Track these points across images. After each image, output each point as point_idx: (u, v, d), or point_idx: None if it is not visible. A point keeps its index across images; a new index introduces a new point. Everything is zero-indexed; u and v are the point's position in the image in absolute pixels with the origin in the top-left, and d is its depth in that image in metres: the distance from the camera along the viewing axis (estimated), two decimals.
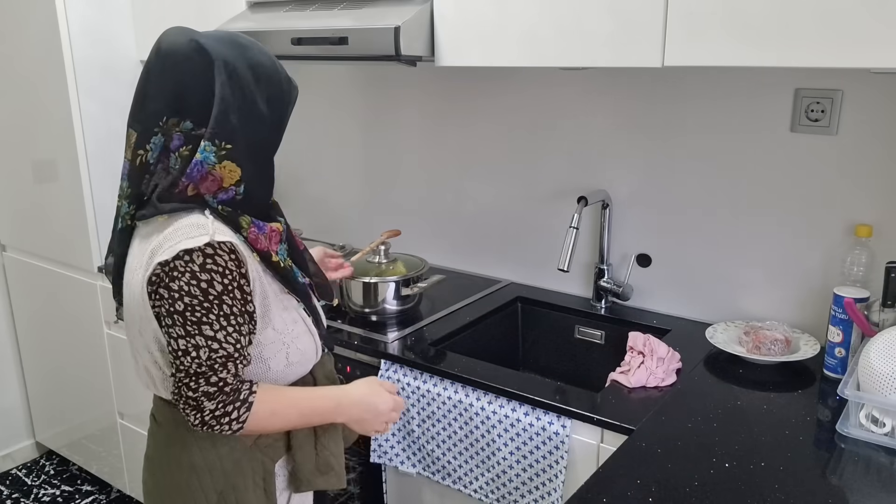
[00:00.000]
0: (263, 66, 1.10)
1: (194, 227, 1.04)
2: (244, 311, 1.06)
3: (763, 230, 1.65)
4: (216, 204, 1.07)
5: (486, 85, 1.99)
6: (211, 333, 1.03)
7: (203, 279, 1.02)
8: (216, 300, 1.03)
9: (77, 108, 2.11)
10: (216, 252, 1.03)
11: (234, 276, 1.04)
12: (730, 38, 1.26)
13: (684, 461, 1.16)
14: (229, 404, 1.06)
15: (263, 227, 1.12)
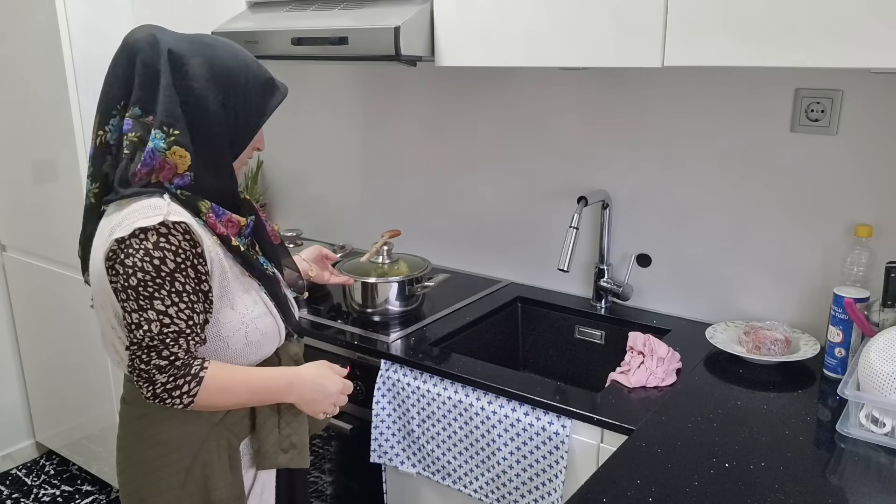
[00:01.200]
0: (224, 64, 1.15)
1: (151, 207, 1.10)
2: (198, 290, 1.11)
3: (763, 230, 1.65)
4: (174, 189, 1.13)
5: (486, 85, 1.99)
6: (162, 308, 1.08)
7: (156, 256, 1.07)
8: (168, 277, 1.08)
9: (77, 108, 2.11)
10: (170, 231, 1.08)
11: (188, 255, 1.09)
12: (730, 38, 1.26)
13: (684, 461, 1.16)
14: (180, 378, 1.10)
15: (222, 215, 1.17)
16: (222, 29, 1.85)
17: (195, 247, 1.11)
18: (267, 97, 1.19)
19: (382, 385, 1.59)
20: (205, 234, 1.14)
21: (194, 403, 1.13)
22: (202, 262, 1.12)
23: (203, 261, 1.12)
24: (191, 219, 1.12)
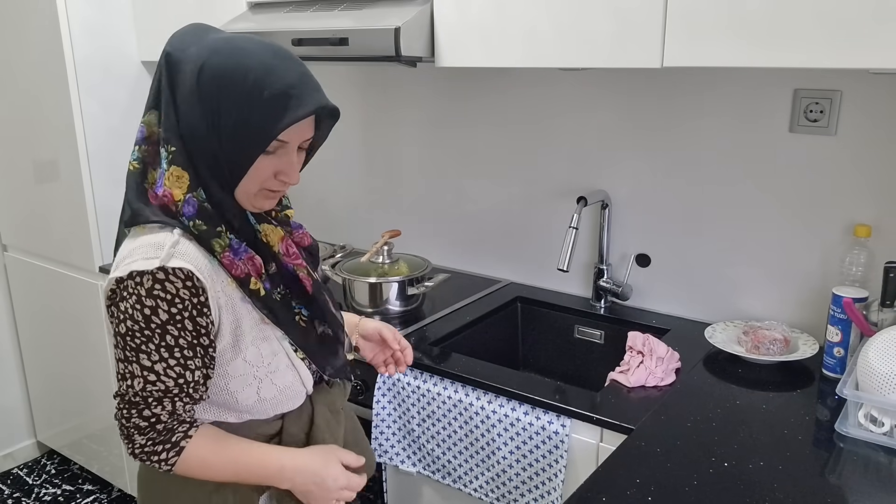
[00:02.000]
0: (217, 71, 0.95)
1: (154, 247, 0.97)
2: (194, 344, 0.98)
3: (762, 230, 1.65)
4: (187, 221, 0.99)
5: (486, 85, 1.99)
6: (148, 364, 0.97)
7: (147, 305, 0.95)
8: (158, 329, 0.96)
9: (78, 108, 2.12)
10: (167, 278, 0.95)
11: (186, 306, 0.96)
12: (729, 39, 1.26)
13: (684, 461, 1.16)
14: (158, 443, 1.00)
15: (242, 252, 1.03)
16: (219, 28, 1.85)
17: (197, 295, 0.97)
18: (274, 115, 0.95)
19: (383, 384, 1.59)
20: (217, 276, 1.01)
21: (173, 471, 1.02)
22: (204, 312, 0.98)
23: (205, 311, 0.98)
24: (200, 261, 0.98)
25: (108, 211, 2.23)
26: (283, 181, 1.02)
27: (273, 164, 1.00)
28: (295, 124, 0.97)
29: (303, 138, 1.02)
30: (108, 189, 2.22)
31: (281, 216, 1.13)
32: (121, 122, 2.22)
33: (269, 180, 1.01)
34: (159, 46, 2.17)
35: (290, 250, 1.10)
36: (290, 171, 1.02)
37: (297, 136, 1.00)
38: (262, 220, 1.07)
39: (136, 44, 2.22)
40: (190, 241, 0.99)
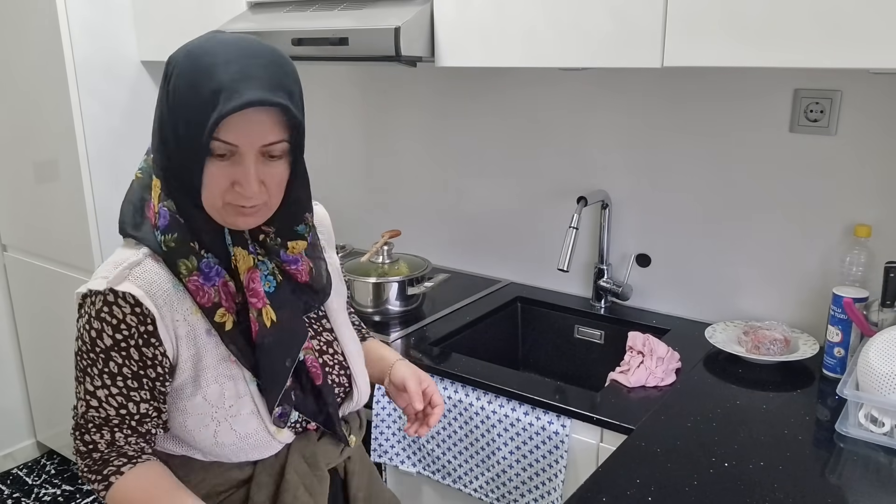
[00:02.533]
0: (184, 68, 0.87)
1: (113, 264, 0.92)
2: (140, 375, 0.91)
3: (762, 230, 1.65)
4: (160, 236, 0.91)
5: (486, 85, 1.99)
6: (91, 388, 0.92)
7: (94, 327, 0.90)
8: (102, 354, 0.90)
9: (78, 108, 2.12)
10: (116, 301, 0.88)
11: (132, 333, 0.89)
12: (729, 39, 1.26)
13: (684, 461, 1.16)
14: (93, 472, 0.95)
15: (213, 278, 0.93)
16: (223, 29, 1.85)
17: (144, 324, 0.89)
18: (205, 112, 0.84)
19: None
20: (181, 303, 0.92)
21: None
22: (151, 342, 0.90)
23: (153, 341, 0.90)
24: (158, 285, 0.91)
25: (107, 211, 2.23)
26: (239, 192, 0.88)
27: (227, 173, 0.88)
28: (235, 123, 0.85)
29: (258, 142, 0.87)
30: (108, 189, 2.22)
31: (270, 243, 0.98)
32: (121, 123, 2.22)
33: (229, 191, 0.89)
34: (159, 46, 2.18)
35: (252, 285, 0.95)
36: (244, 180, 0.87)
37: (245, 139, 0.86)
38: (238, 242, 0.95)
39: (135, 44, 2.22)
40: (157, 261, 0.92)
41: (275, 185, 0.91)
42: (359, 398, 1.11)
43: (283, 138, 0.89)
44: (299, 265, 1.01)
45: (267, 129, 0.87)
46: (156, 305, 0.90)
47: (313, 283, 1.03)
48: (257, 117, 0.86)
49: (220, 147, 0.86)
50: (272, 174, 0.90)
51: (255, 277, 0.96)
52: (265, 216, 0.94)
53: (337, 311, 1.12)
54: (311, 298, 1.05)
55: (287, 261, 0.99)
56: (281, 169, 0.91)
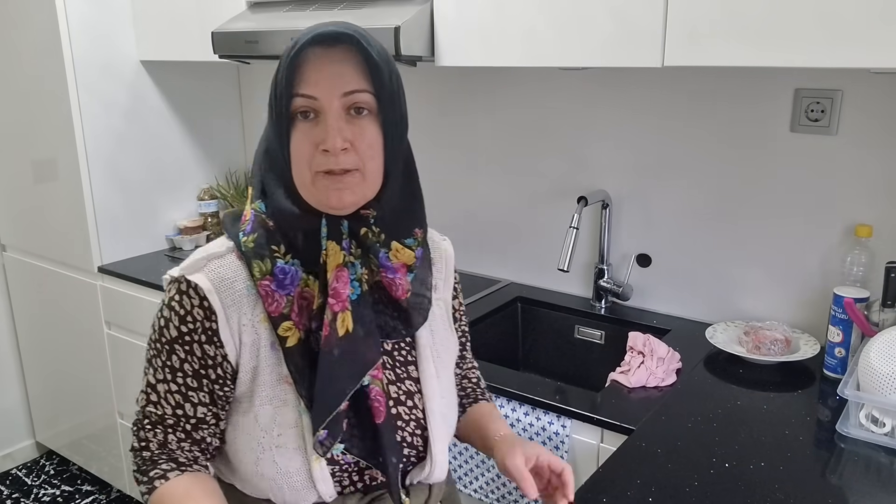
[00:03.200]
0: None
1: (198, 252, 0.90)
2: (200, 375, 0.87)
3: (763, 230, 1.65)
4: (243, 237, 0.88)
5: (486, 85, 1.99)
6: (153, 381, 0.88)
7: (164, 315, 0.87)
8: (167, 345, 0.87)
9: (77, 108, 2.12)
10: (187, 291, 0.85)
11: (196, 328, 0.85)
12: (729, 39, 1.26)
13: (684, 461, 1.16)
14: (140, 472, 0.90)
15: (288, 285, 0.86)
16: (222, 29, 1.85)
17: (209, 319, 0.85)
18: (290, 69, 0.82)
19: None
20: (253, 308, 0.86)
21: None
22: (214, 341, 0.85)
23: (216, 340, 0.85)
24: (231, 284, 0.86)
25: (106, 210, 2.23)
26: (324, 151, 0.81)
27: (311, 135, 0.82)
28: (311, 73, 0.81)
29: (336, 89, 0.81)
30: (107, 189, 2.22)
31: (372, 240, 0.88)
32: (120, 122, 2.22)
33: (315, 157, 0.82)
34: (158, 46, 2.18)
35: (335, 284, 0.85)
36: (328, 136, 0.81)
37: (323, 87, 0.81)
38: (333, 236, 0.86)
39: (134, 43, 2.22)
40: (240, 259, 0.87)
41: (364, 145, 0.83)
42: (432, 469, 0.95)
43: (364, 87, 0.82)
44: (398, 277, 0.90)
45: (345, 74, 0.82)
46: (222, 304, 0.85)
47: (407, 306, 0.91)
48: (333, 63, 0.82)
49: (301, 103, 0.82)
50: (359, 133, 0.83)
51: (342, 276, 0.86)
52: (362, 192, 0.84)
53: (430, 360, 0.97)
54: (400, 323, 0.93)
55: (385, 266, 0.89)
56: (370, 129, 0.83)
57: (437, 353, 0.99)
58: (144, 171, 2.31)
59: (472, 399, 1.15)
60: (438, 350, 0.99)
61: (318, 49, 0.82)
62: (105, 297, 2.25)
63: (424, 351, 0.97)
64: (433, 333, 0.99)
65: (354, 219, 0.87)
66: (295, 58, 0.82)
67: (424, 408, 0.96)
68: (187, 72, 2.35)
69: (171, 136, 2.37)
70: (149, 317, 2.15)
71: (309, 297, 0.87)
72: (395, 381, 0.95)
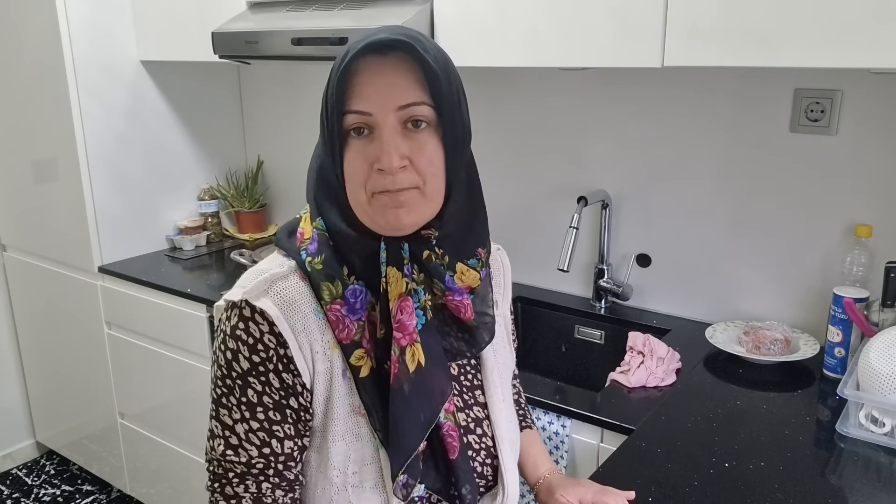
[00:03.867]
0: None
1: (255, 274, 0.81)
2: (283, 405, 0.78)
3: (763, 230, 1.65)
4: (306, 257, 0.80)
5: (486, 85, 1.99)
6: (229, 422, 0.78)
7: (230, 347, 0.78)
8: (240, 379, 0.77)
9: (77, 108, 2.12)
10: (252, 317, 0.77)
11: (271, 356, 0.77)
12: (729, 39, 1.26)
13: (684, 461, 1.16)
14: None
15: (359, 311, 0.79)
16: (222, 29, 1.86)
17: (284, 346, 0.77)
18: (340, 83, 0.76)
19: None
20: (323, 333, 0.79)
21: None
22: (290, 369, 0.78)
23: (292, 367, 0.78)
24: (299, 307, 0.78)
25: (107, 211, 2.23)
26: (380, 170, 0.75)
27: (366, 153, 0.76)
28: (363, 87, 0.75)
29: (391, 102, 0.75)
30: (108, 189, 2.22)
31: (436, 262, 0.82)
32: (120, 122, 2.22)
33: (371, 177, 0.76)
34: (158, 46, 2.18)
35: (400, 316, 0.79)
36: (383, 154, 0.74)
37: (377, 101, 0.75)
38: (394, 262, 0.80)
39: (135, 44, 2.22)
40: (304, 280, 0.80)
41: (424, 161, 0.77)
42: (504, 499, 0.90)
43: (422, 100, 0.76)
44: (464, 299, 0.84)
45: (400, 85, 0.75)
46: (293, 330, 0.78)
47: (475, 326, 0.86)
48: (386, 74, 0.75)
49: (354, 119, 0.76)
50: (418, 148, 0.76)
51: (407, 307, 0.79)
52: (422, 211, 0.78)
53: (497, 384, 0.93)
54: (464, 344, 0.87)
55: (452, 289, 0.83)
56: (430, 143, 0.77)
57: (502, 375, 0.94)
58: (144, 171, 2.31)
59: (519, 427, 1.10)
60: (502, 371, 0.95)
61: (369, 59, 0.75)
62: (105, 297, 2.25)
63: (491, 375, 0.92)
64: (496, 354, 0.94)
65: (415, 240, 0.80)
66: (345, 70, 0.75)
67: (494, 435, 0.91)
68: (187, 72, 2.35)
69: (171, 136, 2.37)
70: (149, 317, 2.16)
71: (374, 322, 0.81)
72: (463, 408, 0.90)
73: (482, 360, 0.93)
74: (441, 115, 0.77)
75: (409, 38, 0.75)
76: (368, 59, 0.75)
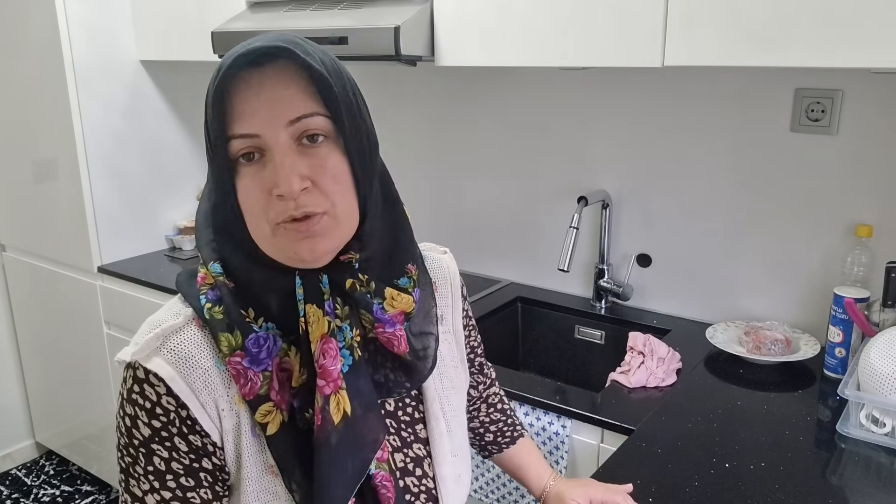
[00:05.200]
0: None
1: (150, 325, 0.73)
2: (195, 469, 0.71)
3: (763, 230, 1.65)
4: (205, 302, 0.71)
5: (486, 85, 1.99)
6: (139, 493, 0.71)
7: (128, 413, 0.70)
8: (143, 447, 0.70)
9: (77, 108, 2.12)
10: (147, 379, 0.69)
11: (172, 420, 0.69)
12: (730, 38, 1.26)
13: (684, 461, 1.16)
14: None
15: (264, 360, 0.70)
16: (222, 29, 1.85)
17: (185, 407, 0.69)
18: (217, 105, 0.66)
19: None
20: (223, 384, 0.71)
21: None
22: (197, 430, 0.70)
23: (198, 429, 0.70)
24: (198, 362, 0.70)
25: (106, 210, 2.23)
26: (279, 197, 0.66)
27: (260, 179, 0.67)
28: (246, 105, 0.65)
29: (280, 118, 0.66)
30: (107, 189, 2.22)
31: (361, 291, 0.73)
32: (120, 122, 2.22)
33: (273, 204, 0.67)
34: (158, 46, 2.18)
35: (323, 361, 0.70)
36: (279, 178, 0.65)
37: (263, 120, 0.65)
38: (313, 298, 0.71)
39: (134, 43, 2.22)
40: (203, 329, 0.72)
41: (328, 180, 0.67)
42: None
43: (314, 110, 0.67)
44: (397, 329, 0.75)
45: (286, 97, 0.66)
46: (192, 390, 0.70)
47: (410, 358, 0.77)
48: (268, 87, 0.66)
49: (241, 144, 0.66)
50: (319, 165, 0.67)
51: (330, 350, 0.71)
52: (337, 237, 0.69)
53: (439, 415, 0.84)
54: (402, 374, 0.78)
55: (382, 320, 0.74)
56: (332, 157, 0.68)
57: (447, 401, 0.86)
58: (144, 170, 2.31)
59: (509, 439, 1.06)
60: (449, 396, 0.86)
61: (246, 73, 0.65)
62: (105, 297, 2.25)
63: (433, 406, 0.84)
64: (442, 377, 0.86)
65: (335, 269, 0.71)
66: (220, 90, 0.65)
67: (435, 475, 0.83)
68: (187, 72, 2.35)
69: (170, 135, 2.37)
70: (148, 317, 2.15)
71: (289, 368, 0.72)
72: (401, 448, 0.81)
73: (423, 390, 0.83)
74: (339, 123, 0.68)
75: (288, 42, 0.66)
76: (245, 74, 0.65)
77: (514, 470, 1.08)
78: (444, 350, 0.86)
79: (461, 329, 0.92)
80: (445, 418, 0.85)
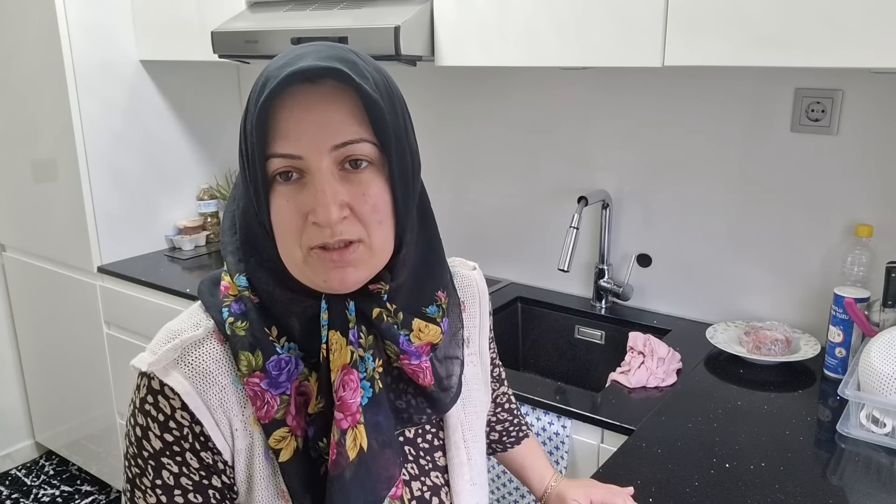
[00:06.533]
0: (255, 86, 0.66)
1: (169, 334, 0.70)
2: (205, 486, 0.69)
3: (763, 230, 1.65)
4: (228, 316, 0.69)
5: (486, 85, 1.99)
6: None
7: (139, 423, 0.68)
8: (152, 460, 0.68)
9: (77, 108, 2.11)
10: (162, 390, 0.67)
11: (185, 435, 0.67)
12: (730, 38, 1.26)
13: (684, 461, 1.16)
14: None
15: (283, 384, 0.68)
16: (222, 28, 1.85)
17: (199, 423, 0.68)
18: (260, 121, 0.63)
19: None
20: (240, 403, 0.69)
21: None
22: (210, 447, 0.69)
23: (210, 446, 0.69)
24: (215, 379, 0.68)
25: (106, 210, 2.23)
26: (315, 223, 0.64)
27: (297, 202, 0.64)
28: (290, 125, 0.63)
29: (325, 143, 0.63)
30: (107, 188, 2.22)
31: (388, 322, 0.70)
32: (120, 122, 2.22)
33: (306, 231, 0.64)
34: (158, 46, 2.18)
35: (342, 393, 0.68)
36: (318, 205, 0.63)
37: (307, 143, 0.63)
38: (337, 325, 0.68)
39: (134, 43, 2.22)
40: (223, 343, 0.69)
41: (367, 209, 0.65)
42: None
43: (362, 136, 0.64)
44: (421, 362, 0.72)
45: (335, 121, 0.63)
46: (207, 407, 0.68)
47: (434, 390, 0.75)
48: (317, 108, 0.62)
49: (280, 164, 0.63)
50: (360, 193, 0.64)
51: (351, 382, 0.68)
52: (370, 268, 0.67)
53: (460, 444, 0.81)
54: (422, 404, 0.76)
55: (408, 352, 0.72)
56: (374, 185, 0.65)
57: (468, 427, 0.82)
58: (144, 170, 2.31)
59: (514, 438, 1.06)
60: (471, 423, 0.83)
61: (295, 90, 0.62)
62: (104, 297, 2.25)
63: (455, 434, 0.81)
64: (465, 404, 0.83)
65: (362, 297, 0.69)
66: (266, 105, 0.62)
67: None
68: (187, 72, 2.35)
69: (170, 136, 2.36)
70: (148, 317, 2.16)
71: (308, 392, 0.69)
72: (418, 476, 0.78)
73: (445, 417, 0.81)
74: (386, 150, 0.65)
75: (343, 61, 0.63)
76: (294, 90, 0.62)
77: (517, 469, 1.08)
78: (468, 373, 0.83)
79: (487, 351, 0.90)
80: (466, 446, 0.82)
